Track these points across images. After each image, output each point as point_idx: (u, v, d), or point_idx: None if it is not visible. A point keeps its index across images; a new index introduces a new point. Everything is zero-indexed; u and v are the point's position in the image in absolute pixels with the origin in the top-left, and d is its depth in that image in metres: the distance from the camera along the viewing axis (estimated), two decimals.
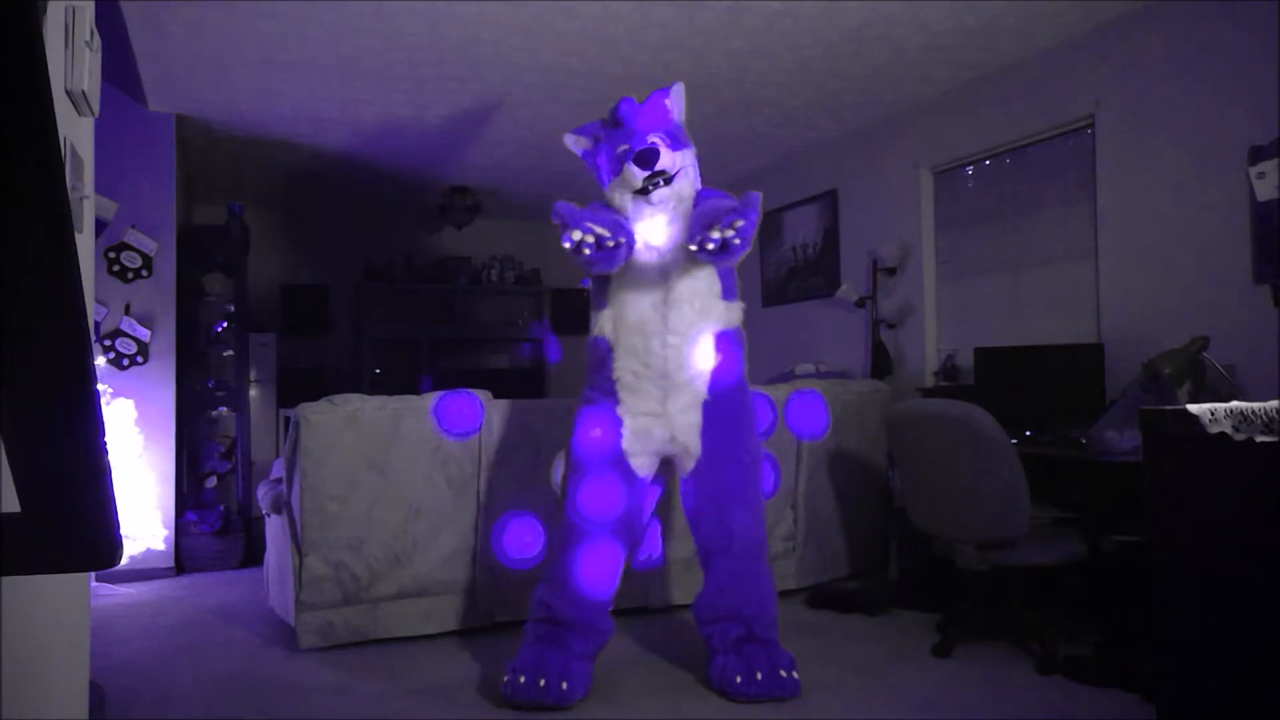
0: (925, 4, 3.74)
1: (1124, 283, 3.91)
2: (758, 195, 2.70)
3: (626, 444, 2.94)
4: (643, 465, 2.98)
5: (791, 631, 3.38)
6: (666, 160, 2.85)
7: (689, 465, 2.99)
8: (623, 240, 2.77)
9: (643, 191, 2.86)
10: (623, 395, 2.94)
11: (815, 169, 5.98)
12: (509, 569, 3.64)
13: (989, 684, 2.99)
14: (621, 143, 2.91)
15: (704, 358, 2.93)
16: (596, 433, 2.95)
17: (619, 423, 2.94)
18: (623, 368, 2.93)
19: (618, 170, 2.91)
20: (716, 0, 3.68)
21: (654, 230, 2.93)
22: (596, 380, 3.00)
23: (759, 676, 2.83)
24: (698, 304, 2.91)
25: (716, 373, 2.96)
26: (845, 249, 5.73)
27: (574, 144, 3.08)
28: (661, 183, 2.85)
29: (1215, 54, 3.52)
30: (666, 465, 3.12)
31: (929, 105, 4.99)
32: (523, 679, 2.78)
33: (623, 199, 2.93)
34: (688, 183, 2.95)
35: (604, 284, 3.00)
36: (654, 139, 2.89)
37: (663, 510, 3.82)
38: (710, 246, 2.63)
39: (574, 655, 2.86)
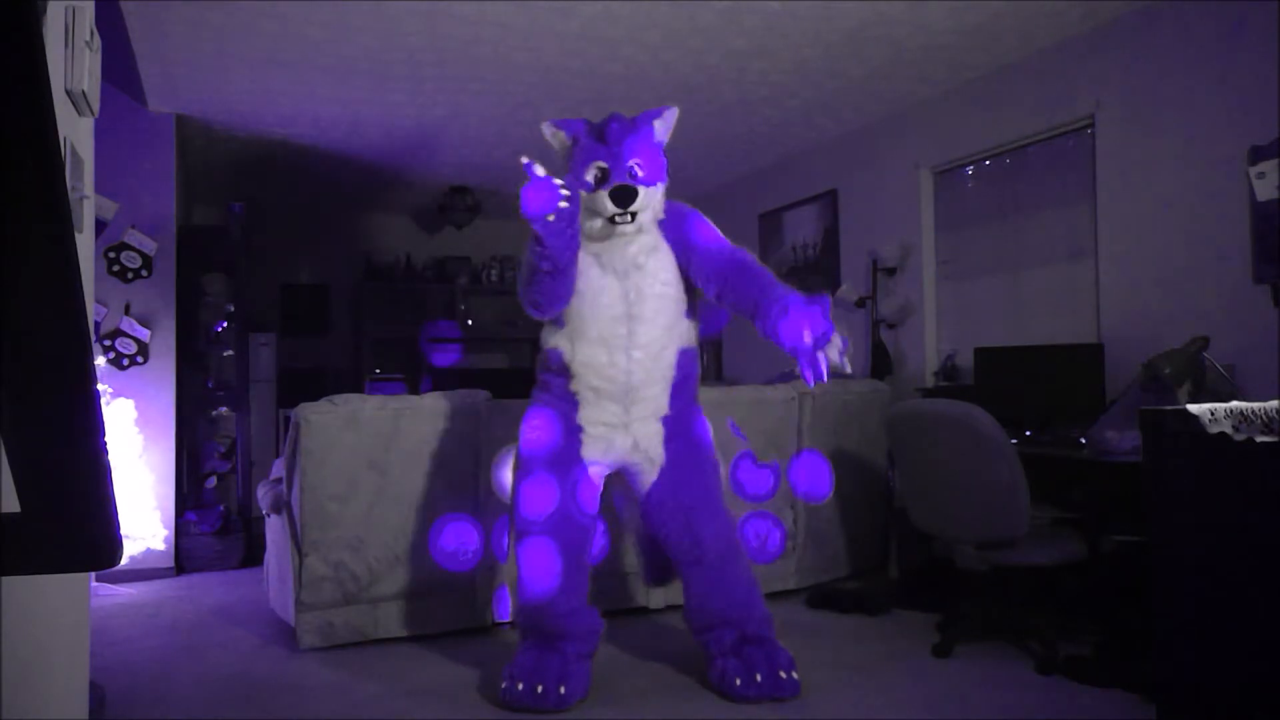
0: (925, 4, 3.74)
1: (1124, 283, 3.91)
2: (828, 299, 2.66)
3: (586, 453, 2.94)
4: (597, 474, 3.00)
5: (791, 631, 3.38)
6: (641, 201, 2.83)
7: (651, 476, 2.98)
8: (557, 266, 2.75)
9: (609, 220, 2.84)
10: (583, 408, 2.94)
11: (815, 169, 5.98)
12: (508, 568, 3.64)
13: (989, 684, 2.99)
14: (602, 159, 2.88)
15: (666, 372, 2.94)
16: (542, 433, 2.95)
17: (578, 431, 2.95)
18: (582, 382, 2.93)
19: (589, 187, 2.88)
20: (716, 0, 3.68)
21: (611, 249, 2.90)
22: (553, 388, 2.99)
23: (758, 678, 2.83)
24: (662, 320, 2.91)
25: (676, 387, 2.97)
26: (845, 249, 5.73)
27: (551, 136, 3.03)
28: (629, 218, 2.84)
29: (1215, 54, 3.52)
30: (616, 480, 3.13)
31: (929, 105, 4.99)
32: (520, 685, 2.78)
33: (587, 215, 2.90)
34: (651, 214, 2.93)
35: None
36: (635, 165, 2.86)
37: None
38: (822, 368, 2.57)
39: (570, 658, 2.86)
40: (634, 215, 2.83)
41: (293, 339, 7.58)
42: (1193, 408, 1.73)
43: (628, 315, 2.87)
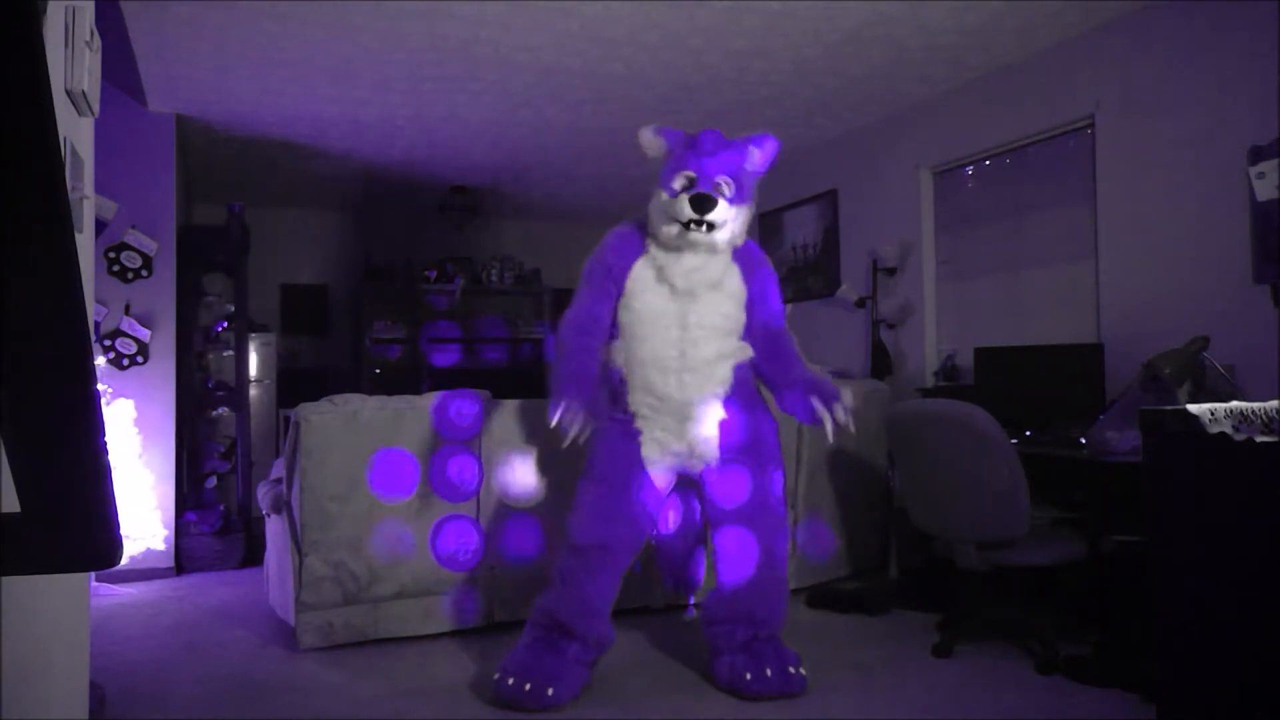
0: (925, 4, 3.74)
1: (1124, 283, 3.91)
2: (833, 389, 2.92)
3: (645, 451, 2.94)
4: (659, 477, 2.99)
5: (791, 631, 3.37)
6: (720, 214, 2.82)
7: (711, 472, 3.00)
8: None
9: (684, 225, 2.84)
10: (639, 419, 2.96)
11: (815, 169, 5.98)
12: (509, 568, 3.64)
13: (989, 684, 2.99)
14: (690, 169, 2.86)
15: (719, 387, 2.94)
16: (610, 442, 2.95)
17: (636, 433, 2.95)
18: (638, 401, 2.94)
19: (673, 192, 2.87)
20: (716, 0, 3.68)
21: (678, 263, 2.90)
22: (614, 401, 2.99)
23: (769, 674, 2.85)
24: (714, 346, 2.92)
25: (731, 393, 2.97)
26: (845, 249, 5.73)
27: (648, 145, 3.00)
28: (705, 228, 2.83)
29: (1215, 54, 3.52)
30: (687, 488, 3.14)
31: (929, 105, 4.99)
32: (510, 680, 2.80)
33: (664, 219, 2.89)
34: (729, 237, 2.92)
35: (615, 313, 2.98)
36: (723, 182, 2.85)
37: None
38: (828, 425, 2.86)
39: (569, 661, 2.86)
40: (710, 226, 2.82)
41: (293, 339, 7.58)
42: (1193, 408, 1.73)
43: (681, 339, 2.89)
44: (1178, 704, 1.73)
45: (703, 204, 2.79)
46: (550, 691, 2.77)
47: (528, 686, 2.77)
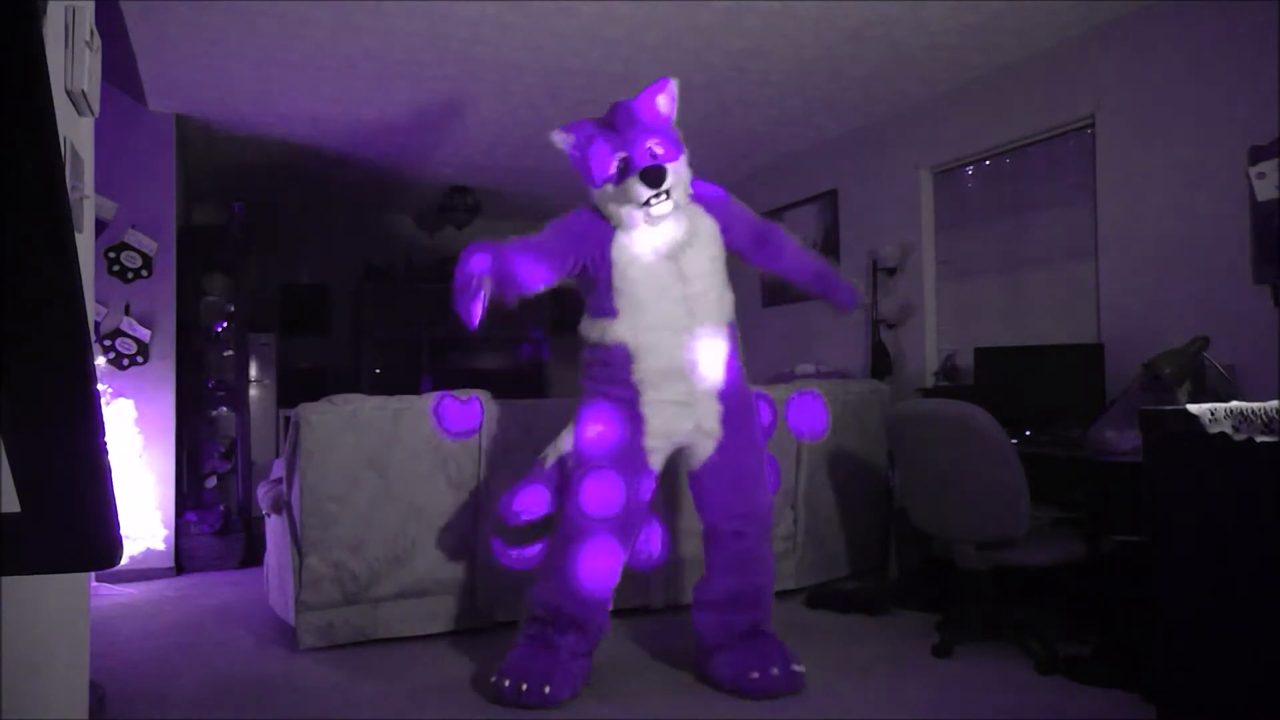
0: (925, 4, 3.73)
1: (1124, 283, 3.91)
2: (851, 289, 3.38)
3: (649, 440, 2.92)
4: (658, 460, 2.99)
5: (792, 631, 3.37)
6: (670, 178, 2.86)
7: (708, 449, 2.99)
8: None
9: (645, 204, 2.86)
10: (646, 392, 2.91)
11: (815, 169, 5.98)
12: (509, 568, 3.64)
13: (989, 684, 2.99)
14: (619, 149, 2.89)
15: (723, 346, 2.99)
16: (602, 429, 2.93)
17: (640, 419, 2.91)
18: (647, 367, 2.91)
19: (615, 179, 2.89)
20: (716, 0, 3.68)
21: (657, 234, 2.93)
22: (614, 380, 2.95)
23: (775, 671, 2.86)
24: (713, 295, 2.97)
25: (729, 361, 3.02)
26: (845, 249, 5.73)
27: (562, 141, 3.03)
28: (665, 197, 2.87)
29: (1215, 54, 3.52)
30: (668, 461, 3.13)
31: (929, 105, 4.99)
32: (507, 682, 2.81)
33: (617, 207, 2.91)
34: (683, 187, 2.96)
35: (605, 293, 2.97)
36: (653, 146, 2.89)
37: (664, 510, 3.82)
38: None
39: (565, 656, 2.86)
40: (668, 194, 2.87)
41: (293, 339, 7.58)
42: (1193, 408, 1.73)
43: (684, 295, 2.91)
44: (1178, 704, 1.73)
45: (655, 177, 2.83)
46: (547, 690, 2.78)
47: (524, 686, 2.78)
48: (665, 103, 3.01)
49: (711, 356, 2.96)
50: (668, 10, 3.76)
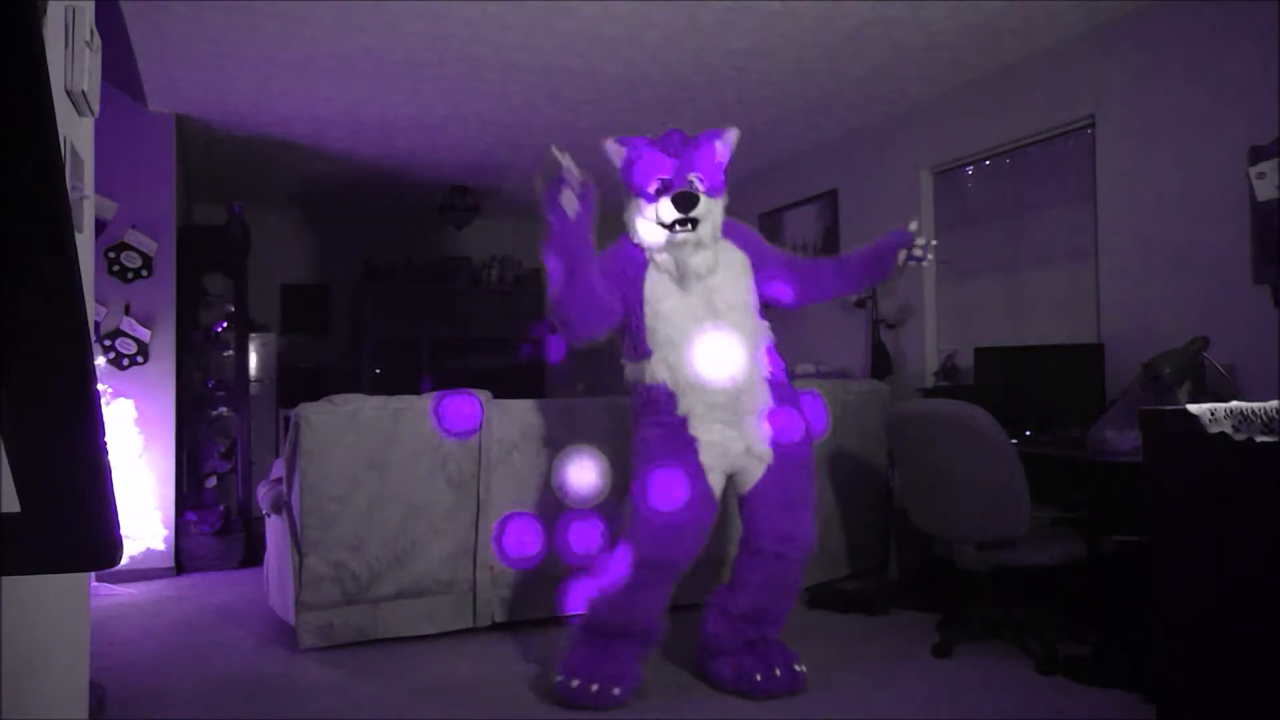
0: (925, 4, 3.73)
1: (1124, 283, 3.91)
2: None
3: (704, 458, 2.86)
4: (717, 482, 2.93)
5: (792, 631, 3.37)
6: (701, 208, 2.85)
7: (758, 472, 2.94)
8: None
9: (670, 227, 2.86)
10: (694, 423, 2.87)
11: (815, 169, 5.98)
12: (509, 568, 3.64)
13: (989, 684, 2.99)
14: (664, 172, 2.90)
15: (762, 371, 2.95)
16: (665, 447, 2.86)
17: (694, 441, 2.86)
18: (690, 403, 2.87)
19: (651, 198, 2.89)
20: (716, 0, 3.68)
21: (683, 266, 2.90)
22: (658, 416, 2.90)
23: (778, 673, 2.87)
24: (748, 325, 2.94)
25: (773, 382, 2.97)
26: (845, 249, 5.72)
27: (614, 153, 3.03)
28: (690, 226, 2.85)
29: (1215, 54, 3.52)
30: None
31: (929, 105, 4.98)
32: (575, 683, 2.81)
33: (644, 225, 2.91)
34: (712, 227, 2.93)
35: (639, 332, 2.93)
36: (695, 177, 2.88)
37: None
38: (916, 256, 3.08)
39: (626, 659, 2.88)
40: (694, 224, 2.85)
41: (293, 339, 7.58)
42: (1193, 408, 1.73)
43: (717, 326, 2.89)
44: (1178, 704, 1.74)
45: (686, 203, 2.82)
46: (617, 691, 2.81)
47: (595, 687, 2.79)
48: (721, 148, 3.01)
49: (751, 383, 2.92)
50: (668, 10, 3.76)
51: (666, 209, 2.84)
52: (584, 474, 3.61)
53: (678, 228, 2.84)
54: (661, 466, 2.85)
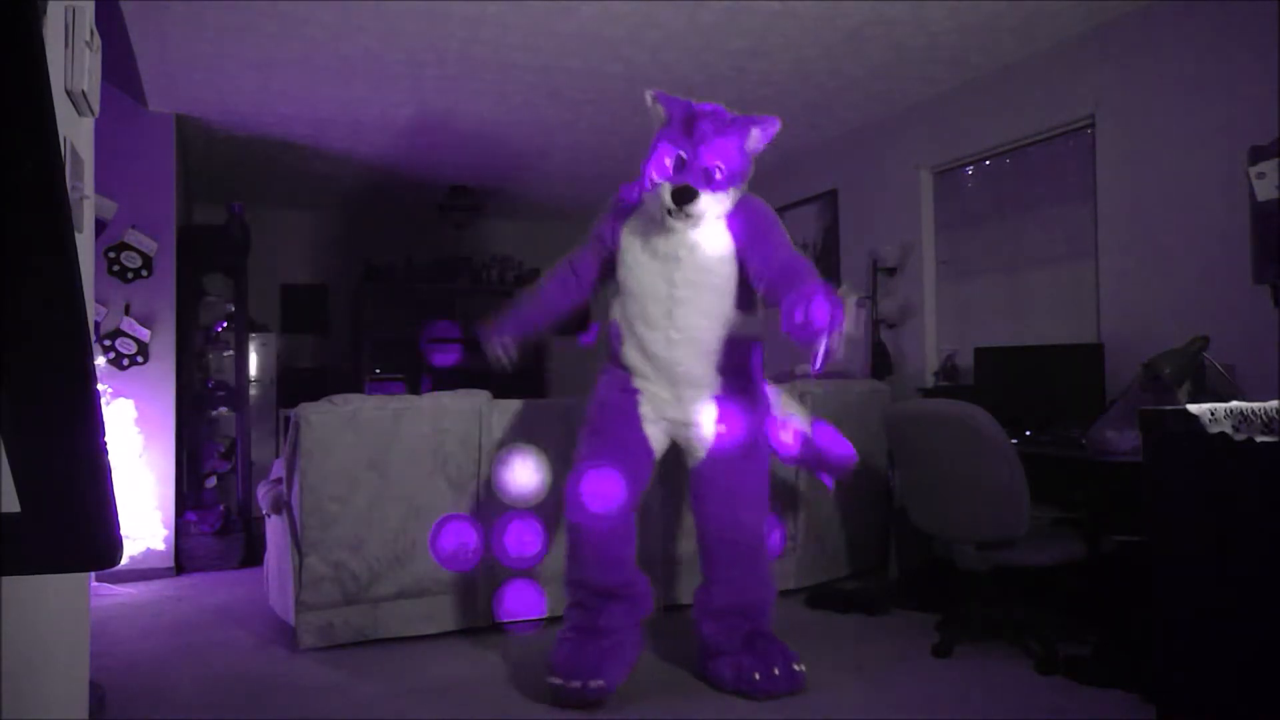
0: (925, 4, 3.73)
1: (1124, 283, 3.91)
2: (839, 304, 2.42)
3: (642, 408, 3.01)
4: (655, 436, 3.03)
5: (792, 631, 3.37)
6: (701, 206, 2.84)
7: (701, 451, 3.02)
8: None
9: (666, 211, 2.88)
10: (635, 377, 3.04)
11: (815, 169, 5.98)
12: (509, 568, 3.64)
13: (989, 684, 2.99)
14: (684, 150, 2.86)
15: (710, 355, 2.95)
16: (611, 395, 3.05)
17: (634, 391, 3.03)
18: (632, 356, 3.02)
19: (663, 171, 2.88)
20: (716, 0, 3.68)
21: (660, 231, 2.94)
22: (613, 355, 3.10)
23: (777, 672, 2.87)
24: (703, 304, 2.93)
25: (725, 370, 2.98)
26: (845, 249, 5.73)
27: (651, 106, 3.03)
28: (685, 216, 2.85)
29: (1215, 54, 3.52)
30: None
31: (929, 105, 4.98)
32: (560, 681, 2.82)
33: (650, 196, 2.92)
34: (715, 215, 2.92)
35: (617, 269, 3.07)
36: (716, 166, 2.85)
37: (664, 509, 3.82)
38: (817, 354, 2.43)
39: (611, 635, 2.89)
40: (689, 217, 2.86)
41: (293, 339, 7.58)
42: (1193, 408, 1.73)
43: (669, 297, 2.92)
44: (1178, 704, 1.73)
45: (683, 197, 2.82)
46: (599, 682, 2.79)
47: (579, 684, 2.79)
48: (757, 136, 2.96)
49: (696, 363, 2.95)
50: (668, 10, 3.76)
51: (667, 195, 2.85)
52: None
53: (671, 214, 2.86)
54: (602, 408, 3.04)
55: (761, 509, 3.06)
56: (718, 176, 2.86)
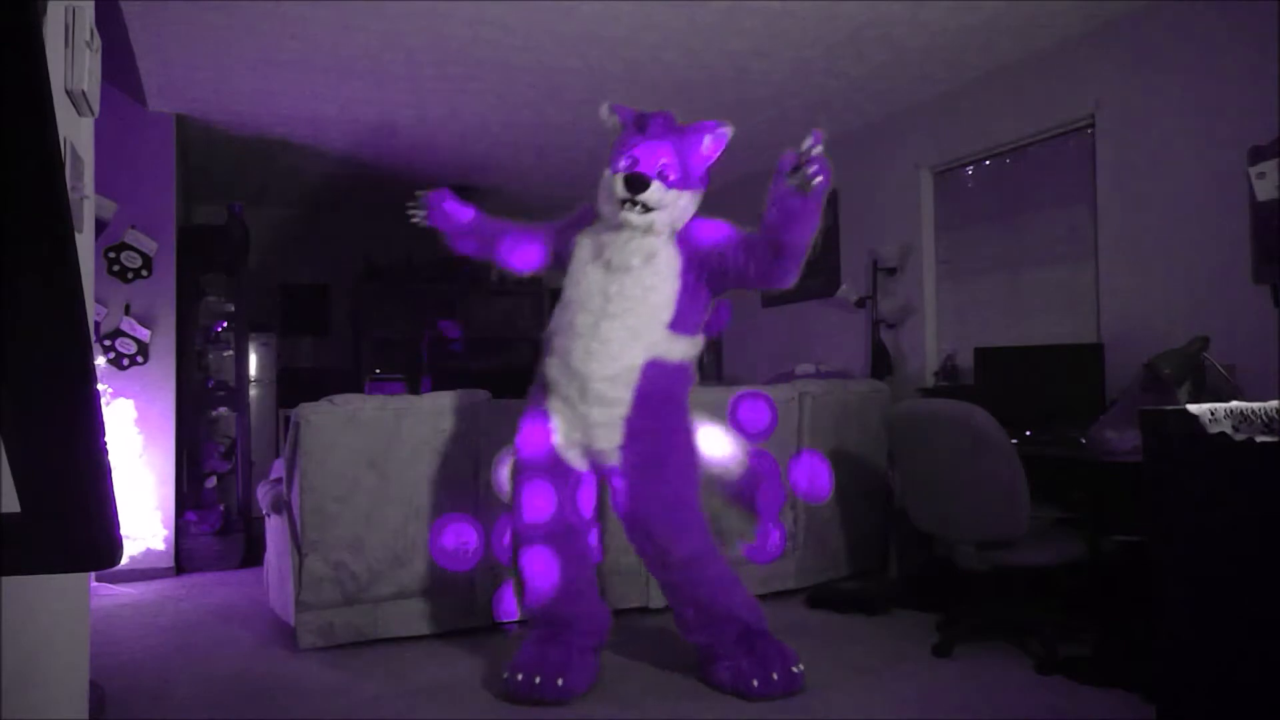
0: (925, 4, 3.73)
1: (1124, 283, 3.91)
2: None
3: (557, 439, 2.98)
4: (576, 459, 3.00)
5: (791, 631, 3.37)
6: (654, 196, 2.87)
7: (615, 473, 2.95)
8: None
9: (620, 204, 2.90)
10: (550, 394, 3.00)
11: None
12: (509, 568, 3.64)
13: (989, 684, 2.99)
14: (635, 152, 2.93)
15: (628, 375, 2.89)
16: (539, 434, 3.01)
17: (548, 417, 3.00)
18: (551, 366, 3.00)
19: (616, 170, 2.95)
20: (716, 0, 3.68)
21: (613, 239, 2.94)
22: (544, 363, 3.07)
23: (775, 677, 2.85)
24: (631, 322, 2.89)
25: (643, 394, 2.89)
26: (845, 249, 5.73)
27: (606, 116, 3.10)
28: (640, 208, 2.87)
29: (1215, 54, 3.52)
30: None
31: (929, 105, 4.98)
32: (520, 676, 2.81)
33: (606, 196, 2.97)
34: (669, 220, 2.95)
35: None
36: (664, 165, 2.90)
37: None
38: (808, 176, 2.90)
39: (574, 650, 2.87)
40: (644, 207, 2.87)
41: (293, 339, 7.57)
42: (1193, 408, 1.73)
43: (602, 310, 2.91)
44: (1178, 704, 1.73)
45: (635, 185, 2.85)
46: (560, 681, 2.78)
47: (538, 679, 2.78)
48: (710, 143, 3.00)
49: (611, 384, 2.88)
50: (668, 10, 3.76)
51: (619, 185, 2.88)
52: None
53: (627, 206, 2.87)
54: (527, 418, 3.05)
55: (685, 526, 2.92)
56: (671, 176, 2.90)
